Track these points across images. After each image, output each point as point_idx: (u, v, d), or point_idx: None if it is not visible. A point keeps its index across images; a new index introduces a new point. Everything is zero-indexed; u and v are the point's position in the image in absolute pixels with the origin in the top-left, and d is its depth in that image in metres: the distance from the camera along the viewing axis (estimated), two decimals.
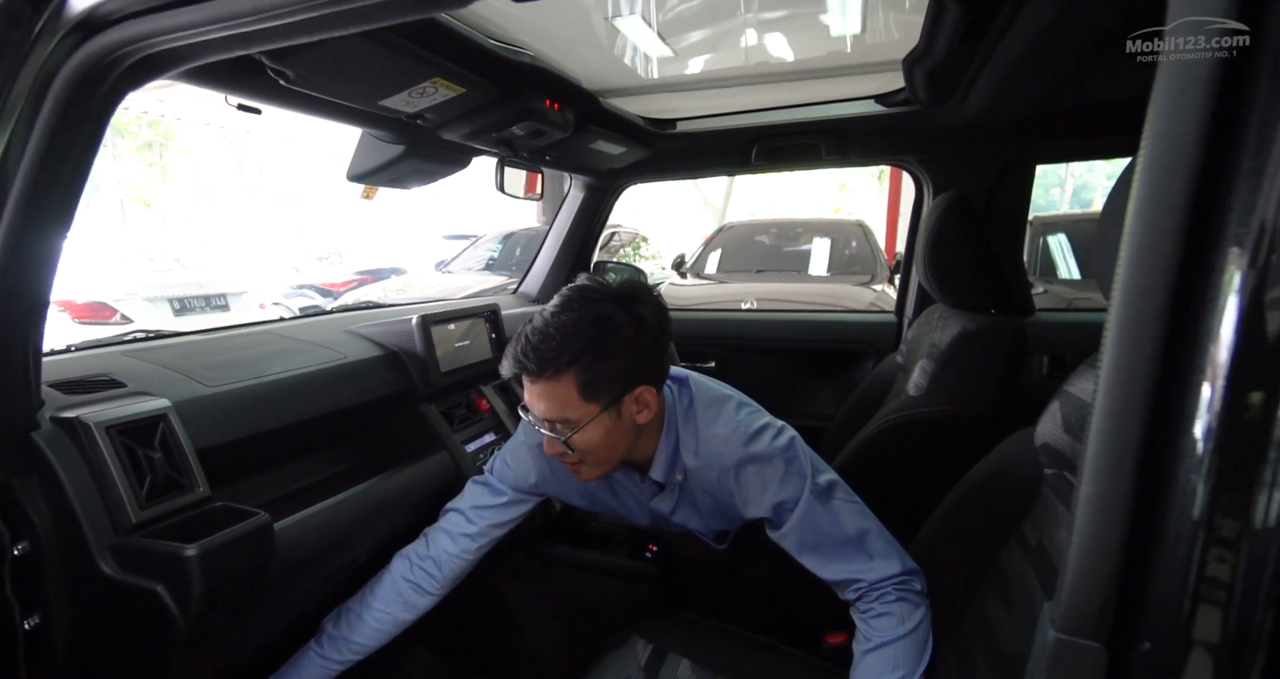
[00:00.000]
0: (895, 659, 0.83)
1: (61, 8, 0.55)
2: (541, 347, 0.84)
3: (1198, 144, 0.31)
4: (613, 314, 0.86)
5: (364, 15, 0.55)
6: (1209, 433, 0.31)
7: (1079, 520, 0.34)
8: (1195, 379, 0.31)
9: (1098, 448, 0.34)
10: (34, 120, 0.59)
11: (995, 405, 1.09)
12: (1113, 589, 0.34)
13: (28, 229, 0.63)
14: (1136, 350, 0.32)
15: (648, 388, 0.89)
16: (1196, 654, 0.32)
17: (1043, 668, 0.36)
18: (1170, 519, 0.32)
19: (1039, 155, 1.51)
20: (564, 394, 0.85)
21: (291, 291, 7.15)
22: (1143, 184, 0.33)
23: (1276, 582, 0.30)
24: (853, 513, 0.90)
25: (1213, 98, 0.31)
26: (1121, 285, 0.33)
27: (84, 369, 0.87)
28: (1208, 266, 0.31)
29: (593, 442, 0.88)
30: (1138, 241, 0.33)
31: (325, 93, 0.88)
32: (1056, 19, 0.86)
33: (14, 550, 0.69)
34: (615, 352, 0.85)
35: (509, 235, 6.76)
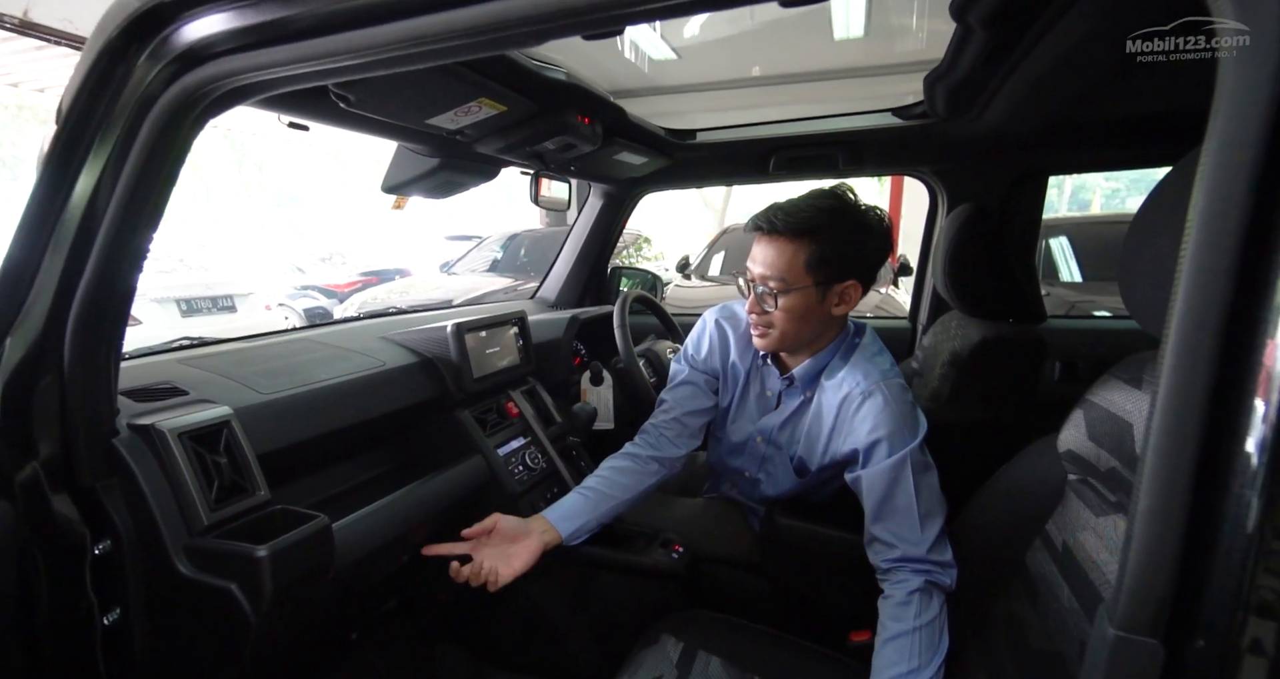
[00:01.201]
0: (912, 649, 0.88)
1: (164, 42, 0.59)
2: (792, 211, 0.98)
3: (1261, 155, 0.34)
4: (856, 214, 1.00)
5: (440, 54, 0.59)
6: (1262, 447, 0.34)
7: (1138, 529, 0.38)
8: (1248, 398, 0.34)
9: (1155, 463, 0.37)
10: (130, 144, 0.63)
11: (1016, 411, 1.13)
12: (1169, 591, 0.37)
13: (120, 243, 0.67)
14: (1193, 369, 0.36)
15: (856, 284, 1.02)
16: (1249, 654, 0.35)
17: (1102, 663, 0.39)
18: (1224, 529, 0.35)
19: (1052, 167, 1.55)
20: (791, 257, 0.99)
21: (296, 292, 7.18)
22: (1201, 208, 0.36)
23: None
24: (932, 494, 0.98)
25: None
26: (1179, 306, 0.36)
27: (145, 377, 0.91)
28: (1261, 286, 0.34)
29: (791, 310, 1.02)
30: (1195, 265, 0.36)
31: (380, 114, 0.92)
32: (1081, 42, 0.90)
33: (95, 550, 0.72)
34: (848, 240, 0.98)
35: (512, 236, 6.78)
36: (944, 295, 1.32)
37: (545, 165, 1.40)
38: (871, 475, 0.98)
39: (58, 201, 0.65)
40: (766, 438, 1.21)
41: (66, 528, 0.70)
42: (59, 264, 0.66)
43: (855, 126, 1.61)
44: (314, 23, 0.58)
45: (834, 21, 1.46)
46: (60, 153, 0.63)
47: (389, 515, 1.03)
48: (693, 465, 1.67)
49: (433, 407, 1.23)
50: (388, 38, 0.57)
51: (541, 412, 1.45)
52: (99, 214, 0.66)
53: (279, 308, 6.40)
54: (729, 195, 12.65)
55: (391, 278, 7.57)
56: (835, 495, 1.23)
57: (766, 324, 1.06)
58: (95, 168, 0.64)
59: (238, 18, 0.58)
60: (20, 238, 0.66)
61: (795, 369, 1.12)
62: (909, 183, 7.15)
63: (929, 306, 1.76)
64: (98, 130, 0.63)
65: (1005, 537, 0.89)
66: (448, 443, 1.24)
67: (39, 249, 0.66)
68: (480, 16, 0.54)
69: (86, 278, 0.67)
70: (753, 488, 1.31)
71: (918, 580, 0.93)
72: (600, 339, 1.80)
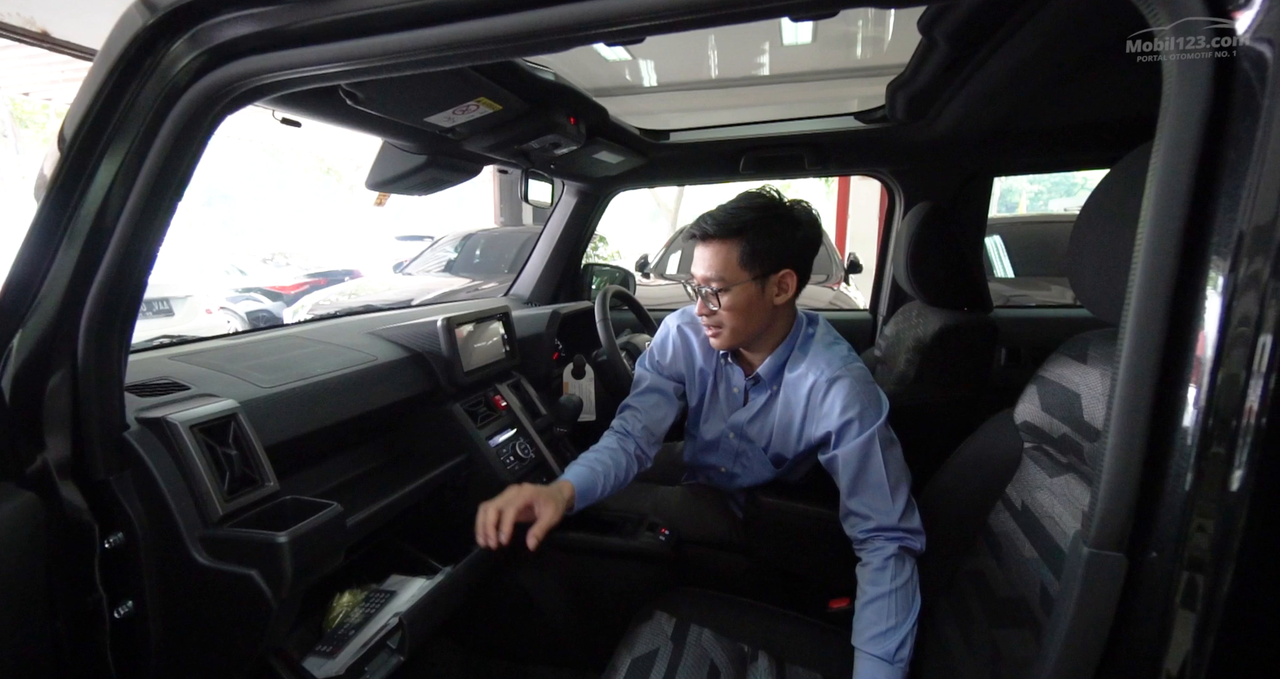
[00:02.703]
0: (889, 609, 0.96)
1: (197, 36, 0.60)
2: (720, 216, 1.06)
3: (1191, 173, 0.42)
4: (779, 208, 1.07)
5: (458, 59, 0.62)
6: (1200, 403, 0.43)
7: (1107, 463, 0.46)
8: (1190, 357, 0.43)
9: (1120, 409, 0.46)
10: (152, 137, 0.64)
11: (974, 391, 1.25)
12: (1130, 516, 0.46)
13: (136, 239, 0.67)
14: (1148, 336, 0.44)
15: (791, 273, 1.08)
16: (1189, 561, 0.44)
17: (1079, 576, 0.47)
18: (1172, 468, 0.44)
19: (997, 168, 1.70)
20: (725, 257, 1.06)
21: (238, 295, 6.84)
22: (1153, 203, 0.44)
23: (1249, 510, 0.42)
24: (899, 466, 1.05)
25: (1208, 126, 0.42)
26: (1135, 291, 0.44)
27: (139, 373, 0.90)
28: (1199, 272, 0.43)
29: (734, 307, 1.08)
30: (1147, 260, 0.44)
31: (383, 111, 0.94)
32: (1026, 57, 1.01)
33: (105, 544, 0.72)
34: (775, 233, 1.05)
35: (468, 236, 6.66)
36: (906, 287, 1.42)
37: (530, 163, 1.43)
38: (845, 453, 1.05)
39: (74, 197, 0.65)
40: (738, 433, 1.26)
41: (76, 521, 0.70)
42: (72, 259, 0.66)
43: (820, 129, 1.71)
44: (344, 26, 0.60)
45: (783, 29, 1.54)
46: (80, 144, 0.63)
47: (392, 507, 1.04)
48: (671, 455, 1.73)
49: (425, 400, 1.25)
50: (413, 43, 0.60)
51: (527, 404, 1.48)
52: (114, 210, 0.66)
53: (220, 311, 6.11)
54: (681, 197, 12.87)
55: (341, 279, 7.31)
56: (809, 476, 1.32)
57: (717, 324, 1.12)
58: (113, 162, 0.64)
59: (271, 18, 0.60)
60: (34, 233, 0.65)
61: (759, 367, 1.18)
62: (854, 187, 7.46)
63: (889, 298, 1.88)
64: (120, 122, 0.63)
65: (969, 502, 0.98)
66: (441, 435, 1.25)
67: (53, 245, 0.66)
68: (507, 26, 0.58)
69: (101, 273, 0.67)
70: (729, 481, 1.37)
71: (892, 547, 1.01)
72: (577, 334, 1.84)
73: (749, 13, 0.52)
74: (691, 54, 1.41)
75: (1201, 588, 0.43)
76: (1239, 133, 0.41)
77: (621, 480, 1.20)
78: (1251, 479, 0.41)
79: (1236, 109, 0.41)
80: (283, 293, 7.01)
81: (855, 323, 2.00)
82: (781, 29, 3.61)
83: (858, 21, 2.88)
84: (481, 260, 6.20)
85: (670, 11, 0.53)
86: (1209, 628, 0.42)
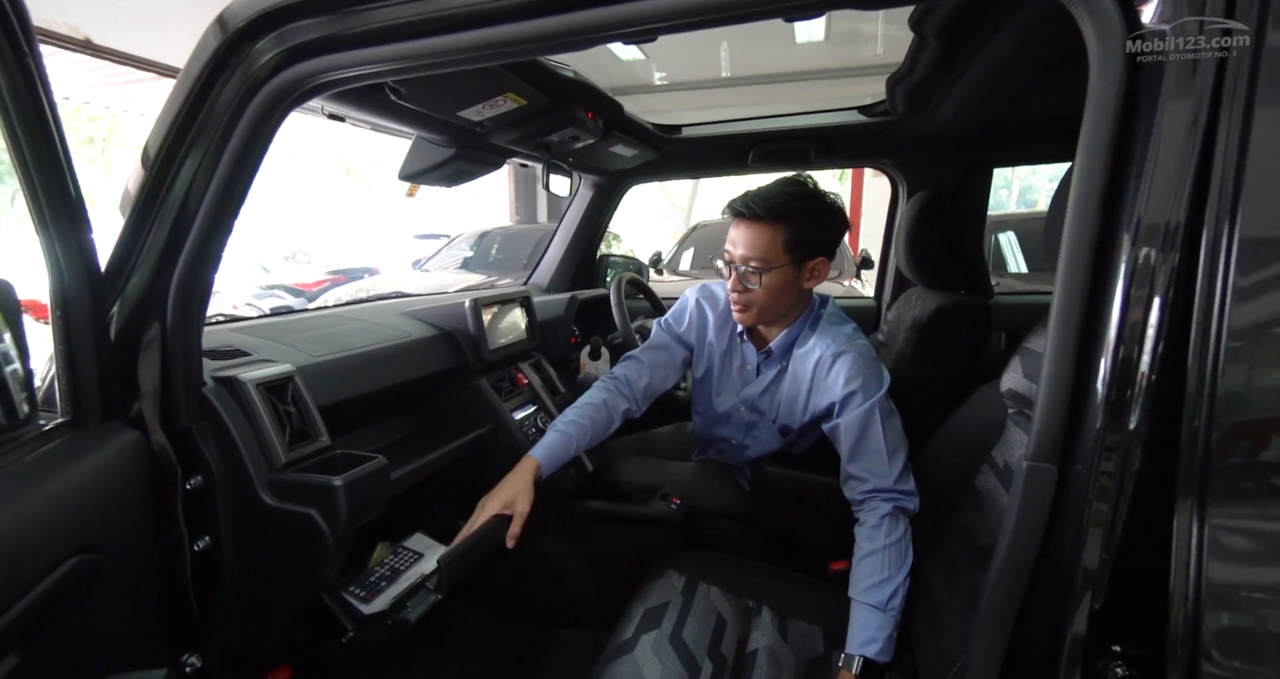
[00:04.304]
0: (883, 563, 1.04)
1: (278, 37, 0.70)
2: (769, 198, 1.10)
3: (1108, 157, 0.52)
4: (821, 198, 1.13)
5: (498, 56, 0.71)
6: (1115, 341, 0.52)
7: (1043, 386, 0.55)
8: (1106, 313, 0.53)
9: (1053, 348, 0.55)
10: (233, 128, 0.74)
11: (966, 367, 1.32)
12: (1061, 433, 0.55)
13: (215, 218, 0.77)
14: (1073, 297, 0.54)
15: (824, 260, 1.16)
16: (1105, 465, 0.53)
17: (1020, 485, 0.56)
18: (1090, 398, 0.54)
19: (996, 159, 1.76)
20: (770, 239, 1.11)
21: (262, 292, 7.02)
22: (1074, 188, 0.54)
23: (1150, 431, 0.51)
24: (897, 435, 1.13)
25: (1120, 114, 0.51)
26: (1062, 264, 0.55)
27: (209, 342, 1.00)
28: (1111, 251, 0.53)
29: (771, 287, 1.15)
30: (1071, 236, 0.54)
31: (421, 105, 1.04)
32: (1017, 49, 1.08)
33: (186, 485, 0.82)
34: (817, 221, 1.12)
35: (484, 234, 6.79)
36: (905, 272, 1.50)
37: (550, 156, 1.53)
38: (847, 422, 1.13)
39: (165, 182, 0.75)
40: (750, 406, 1.34)
41: (164, 462, 0.80)
42: (163, 236, 0.76)
43: (825, 123, 1.79)
44: (396, 30, 0.70)
45: (795, 27, 1.61)
46: (174, 133, 0.73)
47: (426, 467, 1.14)
48: (682, 433, 1.82)
49: (453, 375, 1.35)
50: (454, 45, 0.69)
51: (547, 382, 1.58)
52: (198, 194, 0.76)
53: (246, 307, 6.28)
54: (693, 196, 12.96)
55: (360, 276, 7.47)
56: (813, 447, 1.40)
57: (748, 302, 1.19)
58: (199, 151, 0.74)
59: (337, 23, 0.69)
60: (132, 214, 0.76)
61: (771, 342, 1.26)
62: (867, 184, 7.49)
63: (892, 286, 1.95)
64: (207, 114, 0.73)
65: (958, 466, 1.06)
66: (468, 407, 1.35)
67: (148, 223, 0.76)
68: (535, 29, 0.67)
69: (186, 248, 0.77)
70: (738, 453, 1.45)
71: (887, 507, 1.08)
72: (594, 319, 1.94)
73: (740, 15, 0.61)
74: (703, 53, 1.48)
75: (1111, 494, 0.51)
76: (1142, 121, 0.50)
77: (600, 436, 1.26)
78: (1145, 417, 0.51)
79: (1143, 99, 0.50)
80: (304, 290, 7.18)
81: (861, 310, 2.08)
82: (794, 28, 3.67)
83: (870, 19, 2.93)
84: (497, 257, 6.32)
85: (672, 14, 0.62)
86: (1115, 525, 0.51)
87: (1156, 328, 0.50)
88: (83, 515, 0.65)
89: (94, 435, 0.72)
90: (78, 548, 0.63)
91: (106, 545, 0.68)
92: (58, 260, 0.69)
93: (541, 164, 1.58)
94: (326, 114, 1.09)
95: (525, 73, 1.09)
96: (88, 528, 0.65)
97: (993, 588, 0.59)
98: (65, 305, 0.70)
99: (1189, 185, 0.49)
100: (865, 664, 0.97)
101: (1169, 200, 0.49)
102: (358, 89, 0.96)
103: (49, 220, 0.67)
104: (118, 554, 0.70)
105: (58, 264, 0.69)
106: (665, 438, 1.81)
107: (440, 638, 1.50)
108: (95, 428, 0.74)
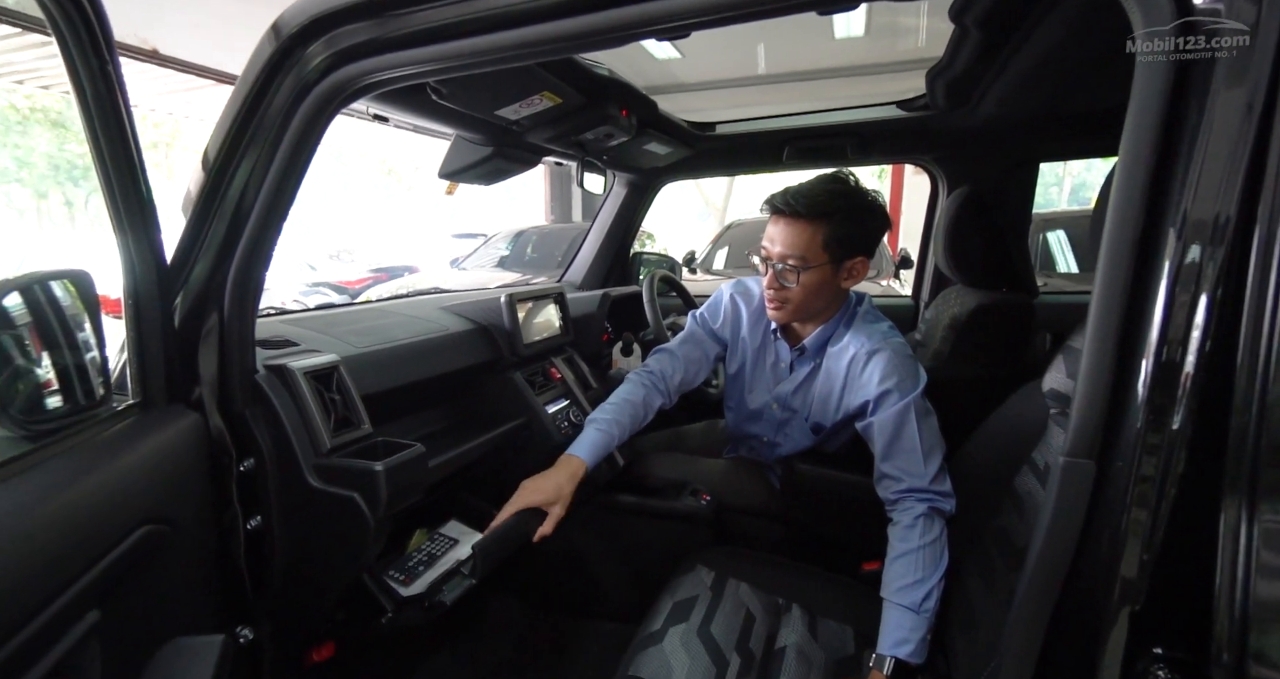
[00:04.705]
0: (916, 564, 1.02)
1: (329, 41, 0.73)
2: (810, 195, 1.08)
3: (1154, 149, 0.50)
4: (863, 197, 1.11)
5: (534, 54, 0.73)
6: (1158, 340, 0.51)
7: (1081, 380, 0.54)
8: (1150, 306, 0.51)
9: (1092, 341, 0.54)
10: (285, 129, 0.78)
11: (1008, 367, 1.28)
12: (1100, 429, 0.54)
13: (268, 215, 0.81)
14: (1114, 289, 0.53)
15: (863, 260, 1.14)
16: (1146, 464, 0.51)
17: (1056, 481, 0.55)
18: (1131, 394, 0.52)
19: (1042, 154, 1.71)
20: (810, 238, 1.10)
21: (309, 289, 7.30)
22: (1117, 179, 0.52)
23: (1194, 431, 0.50)
24: (933, 435, 1.11)
25: (1167, 108, 0.50)
26: (1103, 256, 0.53)
27: (260, 333, 1.06)
28: (1155, 244, 0.51)
29: (807, 286, 1.13)
30: (1113, 229, 0.53)
31: (460, 105, 1.07)
32: (1064, 39, 1.05)
33: (240, 467, 0.87)
34: (858, 220, 1.11)
35: (519, 233, 6.90)
36: (943, 269, 1.47)
37: (584, 154, 1.55)
38: (881, 421, 1.11)
39: (224, 182, 0.80)
40: (782, 404, 1.34)
41: (220, 445, 0.85)
42: (221, 231, 0.81)
43: (862, 118, 1.76)
44: (437, 32, 0.72)
45: (834, 21, 1.58)
46: (233, 133, 0.78)
47: (460, 457, 1.18)
48: (714, 430, 1.82)
49: (489, 368, 1.38)
50: (491, 45, 0.71)
51: (580, 377, 1.60)
52: (253, 192, 0.80)
53: (293, 304, 6.53)
54: (729, 196, 12.89)
55: (400, 274, 7.69)
56: (846, 446, 1.38)
57: (784, 299, 1.17)
58: (255, 152, 0.79)
59: (383, 27, 0.73)
60: (194, 211, 0.81)
61: (805, 339, 1.25)
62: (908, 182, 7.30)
63: (931, 285, 1.91)
64: (263, 115, 0.77)
65: (997, 467, 1.03)
66: (503, 399, 1.38)
67: (208, 220, 0.81)
68: (570, 27, 0.69)
69: (242, 242, 0.82)
70: (770, 451, 1.44)
71: (921, 508, 1.07)
72: (626, 316, 1.96)
73: (772, 9, 0.61)
74: (739, 51, 1.47)
75: (1152, 493, 0.50)
76: (1192, 112, 0.49)
77: (634, 431, 1.27)
78: (1190, 416, 0.49)
79: (1192, 89, 0.49)
80: (348, 287, 7.43)
81: (898, 309, 2.04)
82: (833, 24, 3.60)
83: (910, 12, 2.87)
84: (532, 256, 6.42)
85: (705, 10, 0.63)
86: (1157, 525, 0.50)
87: (1204, 324, 0.48)
88: (150, 489, 0.70)
89: (160, 416, 0.77)
90: (146, 518, 0.67)
91: (171, 518, 0.73)
92: (131, 256, 0.74)
93: (576, 162, 1.60)
94: (372, 115, 1.14)
95: (560, 72, 1.11)
96: (155, 501, 0.70)
97: (1027, 585, 0.58)
98: (136, 296, 0.75)
99: (1240, 179, 0.47)
100: (897, 666, 0.96)
101: (1219, 195, 0.48)
102: (401, 90, 1.00)
103: (124, 219, 0.72)
104: (181, 527, 0.75)
105: (130, 259, 0.74)
106: (697, 435, 1.82)
107: (474, 626, 1.54)
108: (161, 410, 0.79)
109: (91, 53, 0.61)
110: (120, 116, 0.66)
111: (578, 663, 1.46)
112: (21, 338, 0.65)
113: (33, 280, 0.65)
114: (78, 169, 12.10)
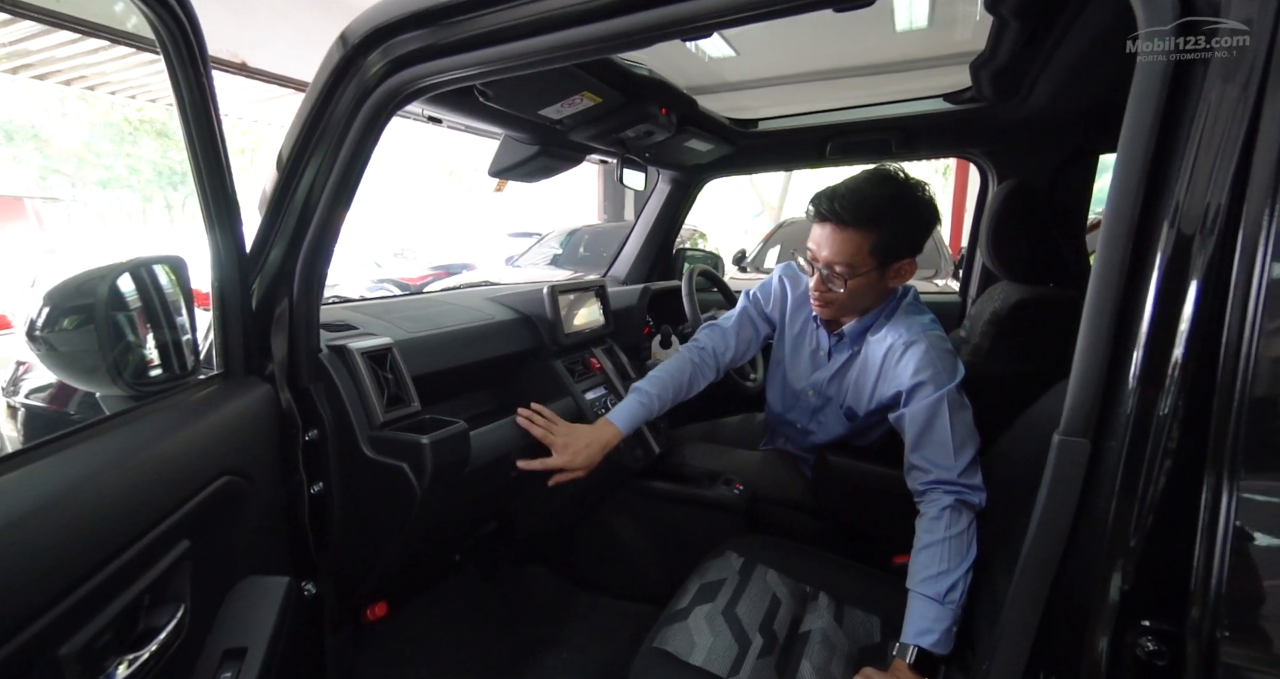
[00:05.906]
0: (942, 555, 1.02)
1: (387, 48, 0.82)
2: (857, 200, 1.06)
3: (1148, 147, 0.52)
4: (910, 197, 1.09)
5: (573, 55, 0.79)
6: (1150, 324, 0.52)
7: (1076, 360, 0.55)
8: (1143, 289, 0.53)
9: (1087, 322, 0.55)
10: (347, 131, 0.87)
11: (1050, 363, 1.25)
12: (1095, 408, 0.55)
13: (332, 211, 0.91)
14: (1110, 272, 0.55)
15: (911, 261, 1.15)
16: (1136, 442, 0.52)
17: (1053, 459, 0.56)
18: (1124, 377, 0.54)
19: (1101, 145, 1.63)
20: (857, 246, 1.09)
21: (374, 285, 7.71)
22: (1117, 168, 0.53)
23: (1184, 410, 0.50)
24: (966, 429, 1.10)
25: (1162, 104, 0.51)
26: (1102, 241, 0.55)
27: (324, 317, 1.16)
28: (1151, 231, 0.53)
29: (856, 289, 1.15)
30: (1111, 216, 0.54)
31: (505, 106, 1.15)
32: (1111, 23, 1.02)
33: (305, 437, 0.97)
34: (905, 224, 1.10)
35: (572, 232, 7.06)
36: (988, 263, 1.44)
37: (626, 151, 1.61)
38: (913, 412, 1.11)
39: (294, 180, 0.90)
40: (818, 391, 1.35)
41: (288, 416, 0.95)
42: (291, 225, 0.91)
43: (908, 112, 1.74)
44: (483, 38, 0.79)
45: (896, 13, 1.56)
46: (301, 137, 0.87)
47: (502, 436, 1.25)
48: (751, 423, 1.84)
49: (531, 355, 1.46)
50: (532, 48, 0.77)
51: (619, 367, 1.66)
52: (319, 189, 0.90)
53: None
54: (785, 193, 12.67)
55: (459, 271, 8.00)
56: (881, 440, 1.38)
57: (830, 300, 1.19)
58: (321, 153, 0.88)
59: (434, 34, 0.80)
60: (268, 208, 0.91)
61: (845, 326, 1.26)
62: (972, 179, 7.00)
63: (978, 282, 1.86)
64: (329, 118, 0.86)
65: (1030, 463, 1.02)
66: (544, 386, 1.46)
67: (281, 215, 0.91)
68: (605, 29, 0.74)
69: (309, 235, 0.91)
70: (804, 438, 1.46)
71: (948, 499, 1.06)
72: (667, 311, 2.00)
73: (786, 9, 0.64)
74: (794, 47, 1.47)
75: (1142, 471, 0.51)
76: (1190, 106, 0.50)
77: (682, 394, 1.32)
78: (1179, 395, 0.51)
79: (1191, 83, 0.50)
80: (409, 283, 7.79)
81: (945, 305, 1.99)
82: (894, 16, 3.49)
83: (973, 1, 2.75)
84: (584, 255, 6.56)
85: (722, 11, 0.67)
86: (1147, 502, 0.51)
87: (1193, 309, 0.50)
88: (231, 445, 0.80)
89: (238, 386, 0.88)
90: (227, 470, 0.78)
91: (248, 473, 0.83)
92: (218, 249, 0.84)
93: (617, 159, 1.66)
94: (426, 117, 1.23)
95: (599, 72, 1.17)
96: (234, 456, 0.80)
97: (1026, 559, 0.60)
98: (221, 283, 0.86)
99: (1230, 176, 0.49)
100: (921, 655, 0.97)
101: (1210, 189, 0.50)
102: (451, 93, 1.08)
103: (213, 216, 0.82)
104: (257, 482, 0.85)
105: (218, 252, 0.84)
106: (733, 427, 1.85)
107: (518, 600, 1.62)
108: (240, 381, 0.89)
109: (190, 66, 0.71)
110: (212, 123, 0.76)
111: (610, 642, 1.52)
112: (133, 318, 0.76)
113: (139, 264, 0.76)
114: (177, 174, 13.23)
